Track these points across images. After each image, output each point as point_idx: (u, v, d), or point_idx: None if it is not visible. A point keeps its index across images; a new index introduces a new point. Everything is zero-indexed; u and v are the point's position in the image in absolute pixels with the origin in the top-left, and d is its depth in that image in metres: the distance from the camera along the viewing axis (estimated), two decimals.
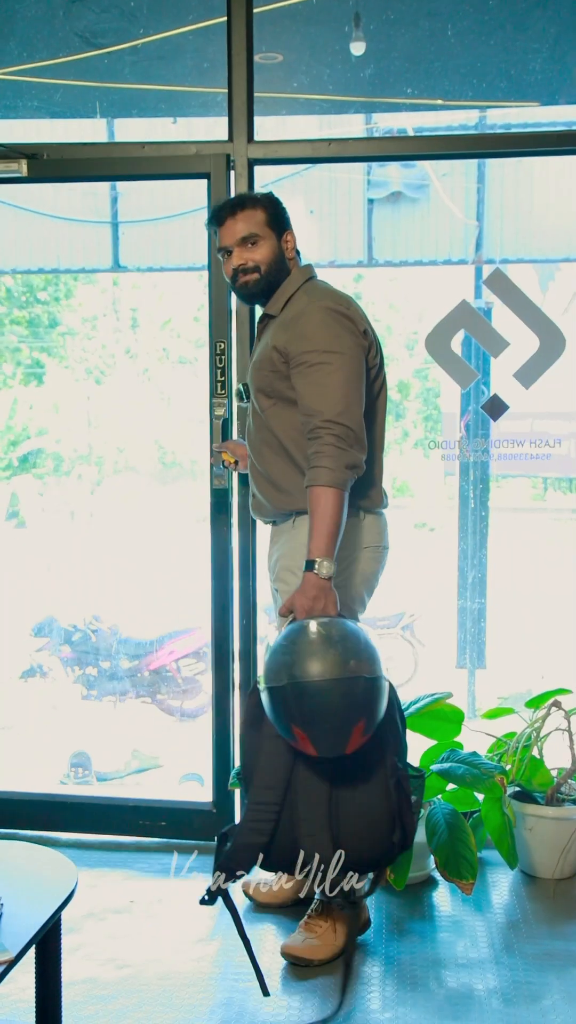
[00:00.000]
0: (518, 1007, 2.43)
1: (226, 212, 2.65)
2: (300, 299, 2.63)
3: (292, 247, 2.69)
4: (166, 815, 3.36)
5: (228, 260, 2.68)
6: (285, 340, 2.56)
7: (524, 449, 3.62)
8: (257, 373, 2.66)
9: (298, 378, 2.52)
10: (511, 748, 3.17)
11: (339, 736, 2.24)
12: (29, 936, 1.89)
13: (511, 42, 3.62)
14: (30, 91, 3.76)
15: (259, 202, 2.66)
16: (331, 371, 2.47)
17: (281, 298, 2.67)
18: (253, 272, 2.65)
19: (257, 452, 2.71)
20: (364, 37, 3.54)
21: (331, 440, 2.42)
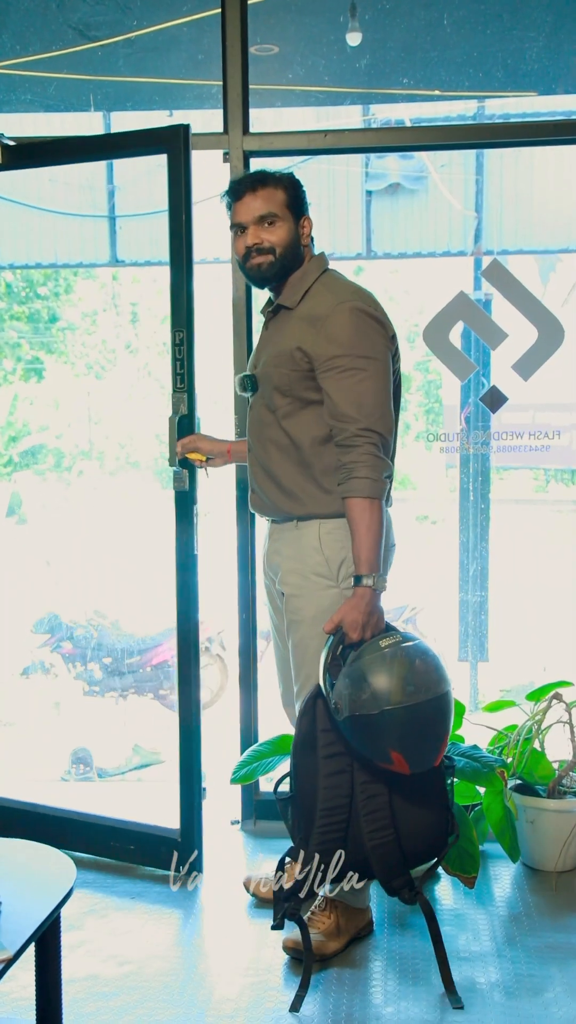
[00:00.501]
0: (520, 1000, 2.42)
1: (245, 187, 2.53)
2: (322, 295, 2.52)
3: (308, 233, 2.58)
4: (136, 839, 3.16)
5: (241, 237, 2.56)
6: (312, 341, 2.46)
7: (524, 441, 3.61)
8: (275, 370, 2.53)
9: (329, 382, 2.44)
10: (512, 741, 3.16)
11: (434, 752, 2.35)
12: (28, 934, 1.88)
13: (508, 31, 3.59)
14: (24, 84, 3.74)
15: (281, 181, 2.55)
16: (365, 377, 2.41)
17: (297, 289, 2.56)
18: (268, 254, 2.53)
19: (263, 450, 2.62)
20: (360, 27, 3.52)
21: (370, 449, 2.39)
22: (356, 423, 2.40)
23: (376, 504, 2.40)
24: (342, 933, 2.64)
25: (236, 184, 2.56)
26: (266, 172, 2.58)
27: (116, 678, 6.36)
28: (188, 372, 3.00)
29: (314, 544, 2.53)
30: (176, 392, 3.02)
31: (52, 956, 2.09)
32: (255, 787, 3.40)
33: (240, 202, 2.54)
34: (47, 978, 2.10)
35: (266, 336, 2.66)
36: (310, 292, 2.54)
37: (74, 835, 3.21)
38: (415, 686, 2.28)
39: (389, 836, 2.42)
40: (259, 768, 3.13)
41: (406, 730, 2.28)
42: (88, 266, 6.24)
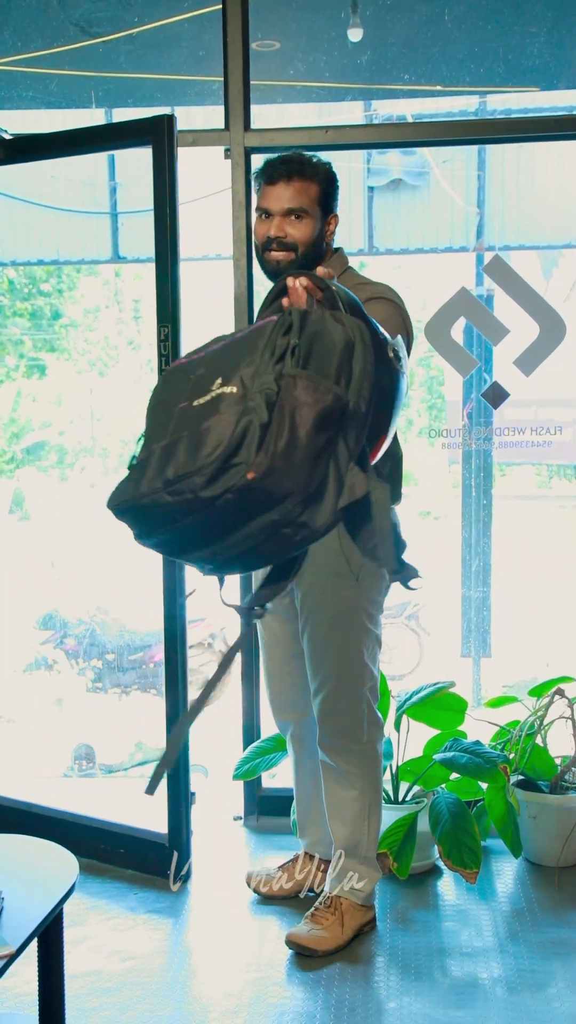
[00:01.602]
0: (523, 995, 2.42)
1: (281, 174, 2.41)
2: (348, 286, 2.47)
3: (333, 231, 2.50)
4: (125, 842, 3.13)
5: (265, 222, 2.45)
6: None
7: (526, 437, 3.61)
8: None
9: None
10: (515, 737, 3.16)
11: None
12: (31, 929, 1.89)
13: (509, 26, 3.58)
14: (25, 81, 3.74)
15: (317, 175, 2.44)
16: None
17: None
18: (290, 251, 2.43)
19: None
20: (361, 23, 3.51)
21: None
22: None
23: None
24: (345, 929, 2.64)
25: (271, 167, 2.44)
26: (305, 160, 2.45)
27: (118, 675, 6.37)
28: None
29: (334, 546, 2.48)
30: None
31: (55, 951, 2.10)
32: (257, 783, 3.41)
33: (272, 187, 2.43)
34: (50, 973, 2.10)
35: None
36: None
37: (66, 835, 3.08)
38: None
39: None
40: (261, 764, 3.14)
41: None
42: (90, 263, 6.24)
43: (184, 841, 3.02)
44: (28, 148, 3.23)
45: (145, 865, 3.07)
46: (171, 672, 3.04)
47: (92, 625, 6.56)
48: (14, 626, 6.62)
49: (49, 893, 2.02)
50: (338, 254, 2.55)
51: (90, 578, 7.33)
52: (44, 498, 8.34)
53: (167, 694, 3.03)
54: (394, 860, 2.84)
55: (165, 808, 3.03)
